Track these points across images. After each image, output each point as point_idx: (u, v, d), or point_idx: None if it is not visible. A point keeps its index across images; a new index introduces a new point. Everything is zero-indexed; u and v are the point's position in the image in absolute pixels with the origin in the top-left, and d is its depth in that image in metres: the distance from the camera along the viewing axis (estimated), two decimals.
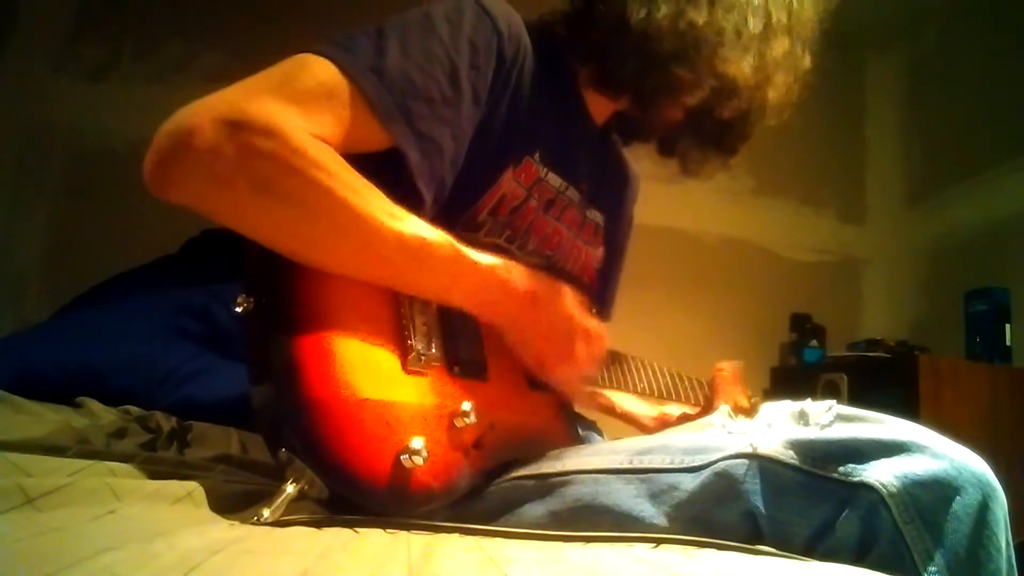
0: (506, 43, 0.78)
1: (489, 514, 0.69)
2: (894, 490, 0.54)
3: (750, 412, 1.15)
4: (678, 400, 1.12)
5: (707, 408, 1.14)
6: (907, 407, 2.06)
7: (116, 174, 2.02)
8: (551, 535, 0.57)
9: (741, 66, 0.85)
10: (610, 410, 1.22)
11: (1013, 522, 0.56)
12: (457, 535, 0.55)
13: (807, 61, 0.93)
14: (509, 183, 0.83)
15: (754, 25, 0.86)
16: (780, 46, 0.89)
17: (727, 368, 1.19)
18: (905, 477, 0.54)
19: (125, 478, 0.61)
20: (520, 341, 0.78)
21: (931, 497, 0.53)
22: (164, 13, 2.46)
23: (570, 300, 0.81)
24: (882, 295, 2.99)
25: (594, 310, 0.89)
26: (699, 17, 0.82)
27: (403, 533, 0.53)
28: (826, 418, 0.61)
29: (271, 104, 0.60)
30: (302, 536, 0.49)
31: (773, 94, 0.90)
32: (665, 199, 2.52)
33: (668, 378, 1.10)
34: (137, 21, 2.45)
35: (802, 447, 0.58)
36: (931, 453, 0.55)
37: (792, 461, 0.58)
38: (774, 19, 0.88)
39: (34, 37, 2.38)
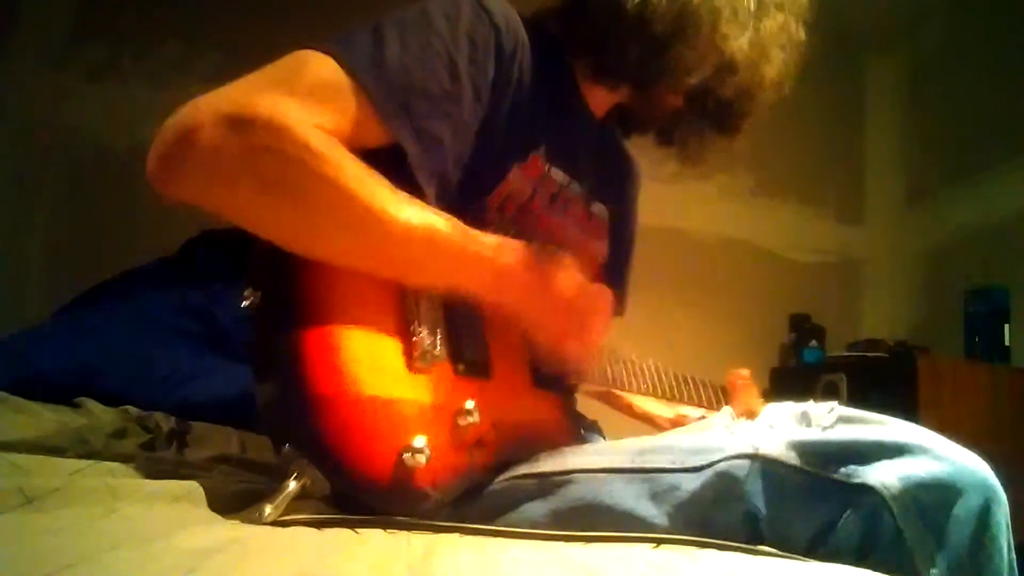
0: (504, 38, 0.78)
1: (490, 512, 0.69)
2: (896, 492, 0.54)
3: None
4: (682, 402, 1.12)
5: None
6: (906, 407, 2.05)
7: (116, 174, 2.02)
8: (552, 535, 0.57)
9: (740, 43, 0.86)
10: (628, 409, 1.23)
11: (1013, 522, 0.56)
12: (457, 535, 0.55)
13: (801, 34, 0.94)
14: (516, 179, 0.83)
15: (748, 1, 0.87)
16: (774, 20, 0.90)
17: (745, 373, 1.20)
18: (907, 479, 0.54)
19: (125, 478, 0.61)
20: (529, 323, 0.77)
21: (933, 499, 0.53)
22: (164, 13, 2.46)
23: (576, 276, 0.80)
24: (881, 295, 2.99)
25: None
26: None
27: (403, 533, 0.53)
28: (828, 419, 0.61)
29: (273, 99, 0.60)
30: (302, 536, 0.49)
31: (770, 69, 0.91)
32: (665, 200, 2.52)
33: (672, 379, 1.10)
34: (137, 21, 2.45)
35: (804, 448, 0.58)
36: (933, 455, 0.55)
37: (794, 462, 0.58)
38: None
39: (34, 37, 2.37)
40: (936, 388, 2.08)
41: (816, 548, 0.56)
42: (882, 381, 2.20)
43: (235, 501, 0.62)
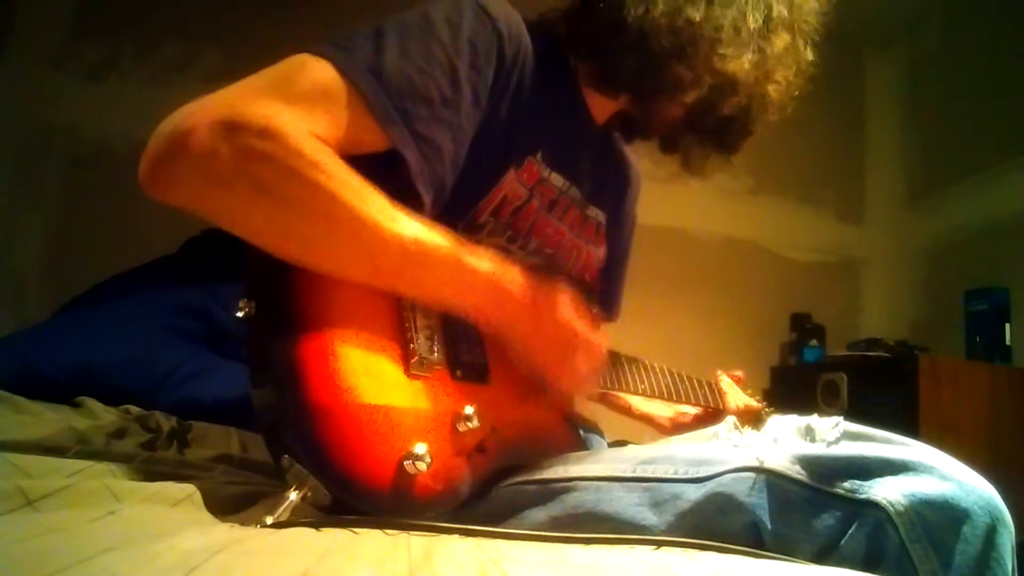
0: (506, 43, 0.77)
1: (490, 518, 0.69)
2: (901, 508, 0.53)
3: (759, 414, 1.17)
4: (679, 401, 1.12)
5: (717, 410, 1.14)
6: (907, 407, 2.06)
7: (116, 174, 2.01)
8: (552, 536, 0.56)
9: (740, 62, 0.84)
10: (627, 411, 1.23)
11: (1014, 522, 0.56)
12: (457, 536, 0.55)
13: (808, 55, 0.92)
14: (511, 184, 0.83)
15: (753, 20, 0.85)
16: (780, 41, 0.88)
17: (735, 373, 1.21)
18: (913, 496, 0.53)
19: (125, 479, 0.61)
20: (520, 348, 0.77)
21: (939, 517, 0.53)
22: (163, 13, 2.46)
23: (571, 308, 0.80)
24: (882, 295, 3.00)
25: (596, 310, 0.89)
26: (696, 13, 0.81)
27: (403, 534, 0.53)
28: (833, 435, 0.61)
29: (269, 105, 0.60)
30: (302, 537, 0.49)
31: (773, 89, 0.90)
32: (665, 199, 2.52)
33: (669, 378, 1.10)
34: (136, 21, 2.45)
35: (809, 463, 0.58)
36: (939, 474, 0.55)
37: (799, 477, 0.57)
38: (774, 13, 0.87)
39: (33, 37, 2.37)
40: (936, 388, 2.08)
41: (821, 563, 0.55)
42: (882, 380, 2.20)
43: (236, 502, 0.62)
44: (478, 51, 0.74)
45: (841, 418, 0.62)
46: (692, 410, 1.20)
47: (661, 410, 1.22)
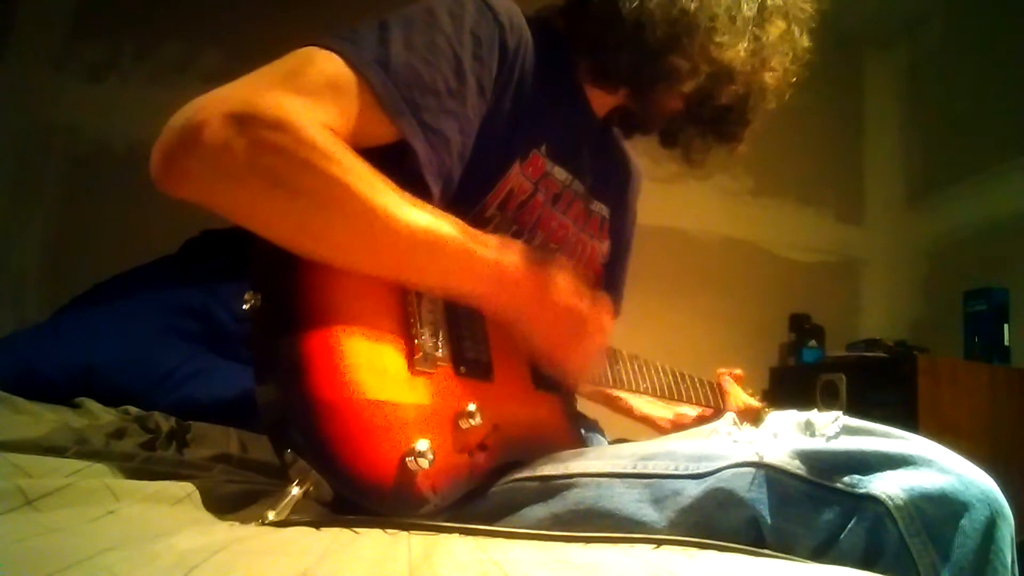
0: (508, 36, 0.78)
1: (491, 515, 0.69)
2: (900, 503, 0.53)
3: (759, 413, 1.17)
4: (681, 400, 1.12)
5: (718, 410, 1.15)
6: (906, 407, 2.06)
7: (116, 174, 2.02)
8: (552, 535, 0.56)
9: (736, 51, 0.84)
10: (628, 412, 1.23)
11: (1014, 521, 0.56)
12: (457, 535, 0.55)
13: (804, 41, 0.93)
14: (517, 177, 0.83)
15: (748, 8, 0.86)
16: (776, 28, 0.89)
17: (735, 371, 1.21)
18: (912, 490, 0.53)
19: (124, 479, 0.61)
20: (528, 330, 0.77)
21: (938, 511, 0.53)
22: (163, 13, 2.46)
23: (576, 285, 0.80)
24: (881, 295, 3.00)
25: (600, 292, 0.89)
26: (691, 3, 0.82)
27: (403, 534, 0.53)
28: (832, 429, 0.61)
29: (280, 97, 0.60)
30: (302, 536, 0.49)
31: (771, 77, 0.90)
32: (665, 199, 2.52)
33: (671, 378, 1.10)
34: (136, 21, 2.45)
35: (808, 458, 0.58)
36: (938, 468, 0.55)
37: (798, 471, 0.57)
38: (769, 1, 0.88)
39: (33, 37, 2.38)
40: (935, 388, 2.08)
41: (820, 557, 0.56)
42: (881, 381, 2.20)
43: (235, 501, 0.62)
44: (481, 42, 0.75)
45: (840, 412, 0.62)
46: (692, 411, 1.20)
47: (661, 412, 1.23)
